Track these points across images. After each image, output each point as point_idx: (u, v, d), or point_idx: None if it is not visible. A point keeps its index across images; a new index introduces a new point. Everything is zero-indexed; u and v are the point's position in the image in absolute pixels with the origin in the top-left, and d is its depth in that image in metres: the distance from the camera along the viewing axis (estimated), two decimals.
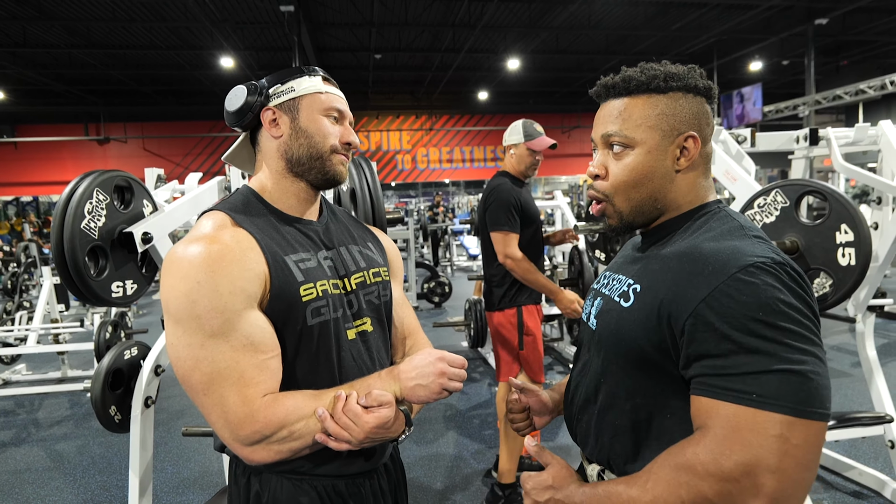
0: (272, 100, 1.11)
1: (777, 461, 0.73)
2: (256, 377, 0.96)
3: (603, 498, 0.84)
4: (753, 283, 0.77)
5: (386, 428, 0.98)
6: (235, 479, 1.11)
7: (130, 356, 2.16)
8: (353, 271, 1.15)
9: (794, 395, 0.74)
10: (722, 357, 0.77)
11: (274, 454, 0.97)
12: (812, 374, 0.75)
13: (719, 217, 0.93)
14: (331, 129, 1.11)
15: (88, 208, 1.72)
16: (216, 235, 1.00)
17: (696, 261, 0.83)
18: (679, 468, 0.78)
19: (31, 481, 3.29)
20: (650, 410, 0.89)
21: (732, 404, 0.76)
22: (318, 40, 12.16)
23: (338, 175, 1.13)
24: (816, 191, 2.05)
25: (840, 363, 4.89)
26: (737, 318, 0.76)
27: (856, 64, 15.48)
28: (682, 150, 0.93)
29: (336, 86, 1.18)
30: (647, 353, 0.87)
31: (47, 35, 10.74)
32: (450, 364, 1.03)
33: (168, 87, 15.47)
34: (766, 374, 0.75)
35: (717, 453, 0.75)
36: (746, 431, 0.74)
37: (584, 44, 13.12)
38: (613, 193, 0.96)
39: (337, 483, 1.08)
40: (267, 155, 1.13)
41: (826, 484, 2.92)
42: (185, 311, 0.94)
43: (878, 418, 2.42)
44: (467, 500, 2.91)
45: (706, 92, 0.95)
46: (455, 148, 18.91)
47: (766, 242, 0.86)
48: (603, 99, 0.99)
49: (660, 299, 0.85)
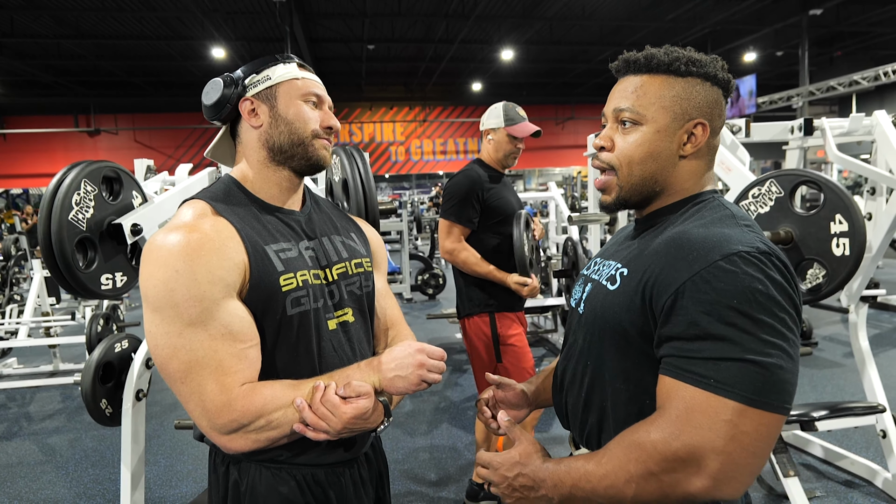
0: (249, 90, 1.10)
1: (723, 444, 0.75)
2: (235, 366, 0.96)
3: (563, 472, 0.87)
4: (733, 271, 0.78)
5: (364, 419, 0.98)
6: (214, 467, 1.11)
7: (121, 349, 2.14)
8: (334, 261, 1.14)
9: (750, 385, 0.76)
10: (690, 340, 0.79)
11: (251, 443, 0.97)
12: (774, 368, 0.76)
13: (712, 206, 0.93)
14: (311, 113, 1.10)
15: (76, 199, 1.69)
16: (196, 224, 0.99)
17: (682, 246, 0.84)
18: (631, 445, 0.81)
19: (24, 475, 3.27)
20: (631, 393, 0.90)
21: (691, 386, 0.78)
22: (310, 31, 12.06)
23: (321, 160, 1.12)
24: (811, 181, 2.04)
25: (833, 353, 4.92)
26: (711, 303, 0.78)
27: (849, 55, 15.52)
28: (689, 135, 0.94)
29: (312, 72, 1.16)
30: (629, 336, 0.89)
31: (35, 25, 10.61)
32: (429, 356, 1.04)
33: (159, 78, 15.35)
34: (727, 361, 0.77)
35: (668, 433, 0.78)
36: (698, 413, 0.77)
37: (578, 35, 13.09)
38: (618, 165, 0.96)
39: (316, 472, 1.08)
40: (248, 146, 1.12)
41: (818, 473, 2.94)
42: (164, 300, 0.94)
43: (870, 408, 2.43)
44: (462, 491, 2.91)
45: (724, 84, 0.95)
46: (449, 139, 18.87)
47: (757, 232, 0.86)
48: (622, 74, 0.99)
49: (644, 281, 0.87)
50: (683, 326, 0.80)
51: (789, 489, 2.29)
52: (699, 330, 0.78)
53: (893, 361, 4.60)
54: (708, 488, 0.77)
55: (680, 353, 0.80)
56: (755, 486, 2.77)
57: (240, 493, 1.06)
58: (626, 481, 0.80)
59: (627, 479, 0.80)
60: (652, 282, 0.85)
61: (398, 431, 3.68)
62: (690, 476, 0.77)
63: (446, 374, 4.80)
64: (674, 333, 0.81)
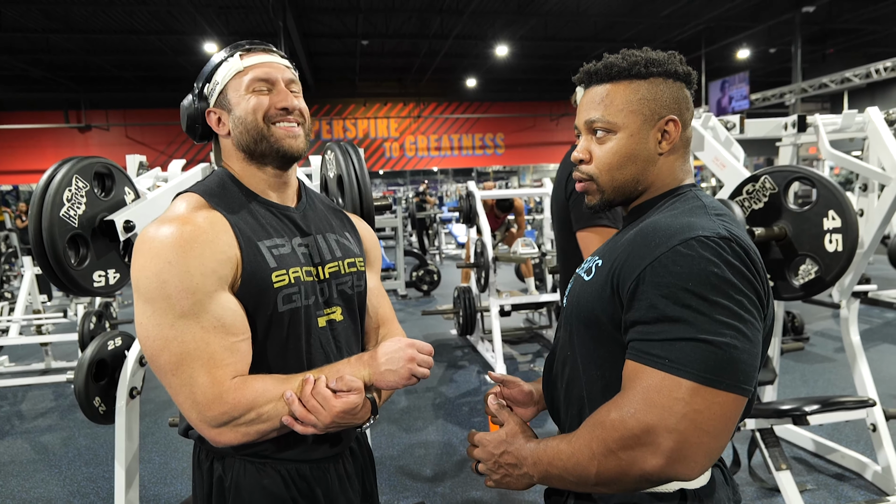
0: (209, 100, 1.09)
1: (675, 422, 0.77)
2: (226, 359, 0.96)
3: (541, 451, 0.91)
4: (690, 255, 0.81)
5: (352, 414, 0.98)
6: (199, 463, 1.11)
7: (114, 346, 2.12)
8: (327, 260, 1.14)
9: (702, 364, 0.78)
10: (649, 324, 0.82)
11: (241, 436, 0.97)
12: (727, 347, 0.78)
13: (687, 198, 0.96)
14: (259, 101, 1.05)
15: (67, 196, 1.67)
16: (189, 217, 0.99)
17: (647, 234, 0.87)
18: (595, 424, 0.85)
19: (16, 473, 3.25)
20: (606, 382, 0.92)
21: (649, 367, 0.81)
22: (303, 26, 11.99)
23: (286, 148, 1.07)
24: (805, 177, 2.05)
25: (824, 348, 4.95)
26: (667, 286, 0.80)
27: (841, 52, 15.58)
28: (663, 133, 0.96)
29: (264, 50, 1.10)
30: (602, 324, 0.91)
31: (24, 19, 10.49)
32: (418, 350, 1.04)
33: (150, 73, 15.22)
34: (681, 341, 0.79)
35: (625, 412, 0.81)
36: (654, 392, 0.79)
37: (573, 31, 13.08)
38: (598, 175, 0.99)
39: (301, 467, 1.09)
40: (227, 150, 1.13)
41: (809, 467, 2.96)
42: (156, 291, 0.94)
43: (860, 402, 2.45)
44: (457, 487, 2.92)
45: (685, 77, 0.98)
46: (443, 136, 18.83)
47: (727, 221, 0.88)
48: (586, 85, 1.01)
49: (612, 270, 0.89)
50: (644, 310, 0.82)
51: (781, 482, 2.32)
52: (657, 313, 0.81)
53: (884, 356, 4.64)
54: (662, 466, 0.79)
55: (641, 337, 0.83)
56: (747, 480, 2.79)
57: (224, 488, 1.06)
58: (589, 458, 0.84)
59: (590, 456, 0.83)
60: (618, 269, 0.88)
61: (393, 427, 3.68)
62: (646, 454, 0.79)
63: (441, 371, 4.81)
64: (636, 318, 0.83)
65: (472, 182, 5.50)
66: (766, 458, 2.37)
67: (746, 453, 2.63)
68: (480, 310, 5.20)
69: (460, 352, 5.40)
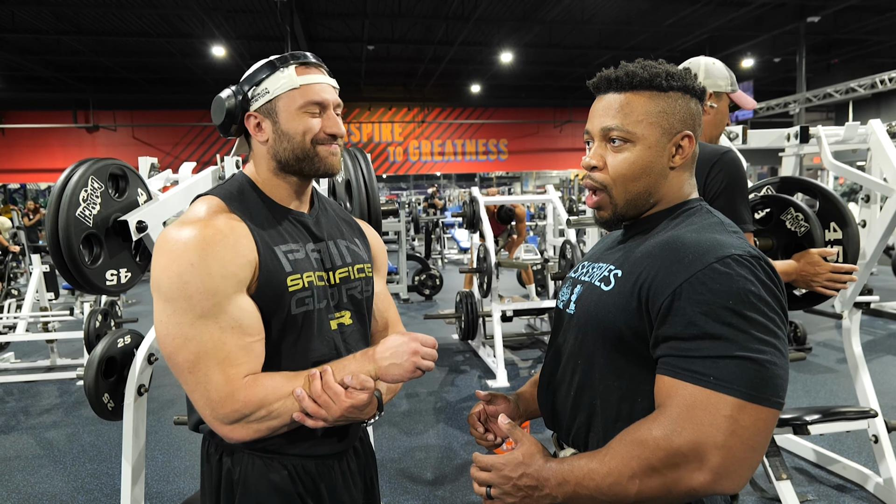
0: (252, 103, 1.10)
1: (724, 439, 0.78)
2: (241, 358, 0.99)
3: (566, 471, 0.87)
4: (728, 273, 0.82)
5: (360, 409, 1.01)
6: (208, 457, 1.14)
7: (124, 344, 2.15)
8: (338, 265, 1.17)
9: (748, 381, 0.79)
10: (688, 340, 0.82)
11: (252, 432, 1.00)
12: (769, 364, 0.80)
13: (702, 213, 0.97)
14: (310, 123, 1.08)
15: (83, 196, 1.71)
16: (210, 220, 1.02)
17: (677, 249, 0.87)
18: (633, 443, 0.83)
19: (22, 468, 3.28)
20: (623, 392, 0.92)
21: (690, 384, 0.81)
22: (310, 30, 12.08)
23: (329, 167, 1.12)
24: (807, 188, 2.07)
25: (826, 359, 4.96)
26: (707, 304, 0.81)
27: (846, 62, 15.60)
28: (677, 148, 0.97)
29: (317, 67, 1.12)
30: (623, 336, 0.91)
31: (36, 20, 10.60)
32: (422, 344, 1.06)
33: (158, 75, 15.33)
34: (725, 359, 0.80)
35: (670, 430, 0.81)
36: (699, 410, 0.80)
37: (577, 38, 13.13)
38: (612, 185, 0.98)
39: (307, 463, 1.12)
40: (258, 155, 1.14)
41: (810, 477, 2.97)
42: (177, 291, 0.96)
43: (862, 413, 2.46)
44: (457, 491, 2.94)
45: (700, 94, 0.99)
46: (447, 141, 18.90)
47: (743, 239, 0.91)
48: (602, 91, 1.00)
49: (640, 283, 0.89)
50: (681, 327, 0.83)
51: (781, 492, 2.32)
52: (697, 330, 0.81)
53: (887, 368, 4.64)
54: (710, 482, 0.79)
55: (678, 353, 0.83)
56: (748, 489, 2.80)
57: (233, 482, 1.09)
58: (629, 478, 0.82)
59: (631, 475, 0.82)
60: (648, 284, 0.88)
61: (394, 430, 3.70)
62: (693, 471, 0.79)
63: (442, 375, 4.82)
64: (671, 333, 0.84)
65: (475, 187, 5.53)
66: (767, 468, 2.38)
67: None
68: (482, 315, 5.22)
69: (461, 356, 5.42)
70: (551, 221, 6.31)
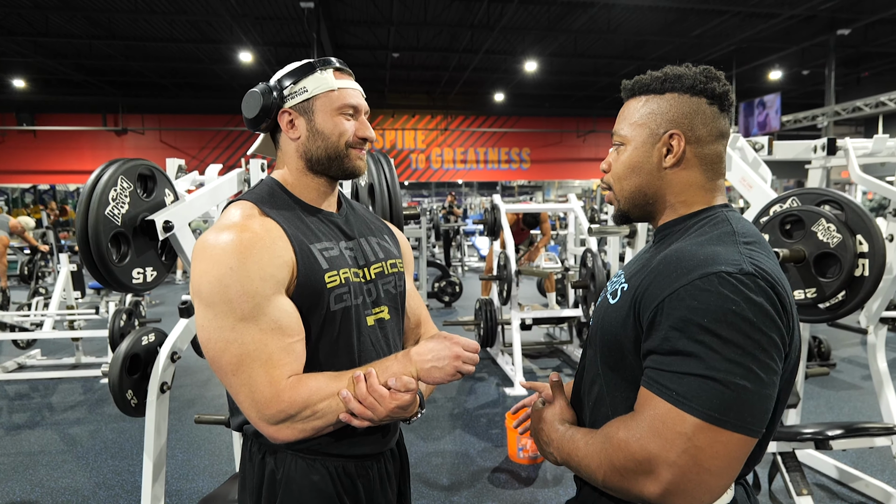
0: (287, 101, 1.13)
1: (676, 457, 0.79)
2: (283, 359, 1.01)
3: (565, 441, 0.98)
4: (707, 290, 0.80)
5: (404, 409, 1.02)
6: (250, 456, 1.15)
7: (148, 342, 2.20)
8: (372, 261, 1.19)
9: (708, 401, 0.78)
10: (662, 354, 0.83)
11: (298, 433, 1.01)
12: (736, 387, 0.77)
13: (716, 221, 0.94)
14: (345, 126, 1.13)
15: (113, 195, 1.75)
16: (246, 224, 1.05)
17: (671, 263, 0.87)
18: (606, 437, 0.89)
19: (45, 463, 3.35)
20: (629, 404, 0.92)
21: (657, 397, 0.83)
22: (336, 37, 12.22)
23: (356, 169, 1.17)
24: (833, 200, 2.05)
25: (850, 375, 4.86)
26: (682, 320, 0.81)
27: (877, 76, 15.33)
28: (668, 147, 0.96)
29: (350, 75, 1.18)
30: (624, 349, 0.92)
31: (69, 25, 10.87)
32: (464, 348, 1.07)
33: (186, 80, 15.61)
34: (690, 376, 0.80)
35: (631, 435, 0.84)
36: (659, 422, 0.81)
37: (602, 48, 13.09)
38: (613, 184, 1.04)
39: (347, 464, 1.13)
40: (287, 154, 1.16)
41: (832, 494, 2.91)
42: (218, 295, 0.98)
43: (886, 429, 2.41)
44: (473, 497, 2.93)
45: (708, 93, 0.95)
46: (469, 149, 18.92)
47: (758, 249, 0.88)
48: (624, 101, 1.05)
49: (636, 297, 0.90)
50: (658, 341, 0.83)
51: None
52: (669, 345, 0.82)
53: None
54: (660, 495, 0.81)
55: (655, 366, 0.84)
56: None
57: (276, 481, 1.11)
58: (597, 466, 0.89)
59: (598, 464, 0.89)
60: (640, 297, 0.88)
61: (412, 436, 3.71)
62: (645, 479, 0.82)
63: (460, 382, 4.82)
64: (652, 347, 0.85)
65: (497, 195, 5.54)
66: (787, 483, 2.34)
67: (767, 477, 2.60)
68: (501, 322, 5.22)
69: (480, 364, 5.41)
70: (573, 230, 6.29)
